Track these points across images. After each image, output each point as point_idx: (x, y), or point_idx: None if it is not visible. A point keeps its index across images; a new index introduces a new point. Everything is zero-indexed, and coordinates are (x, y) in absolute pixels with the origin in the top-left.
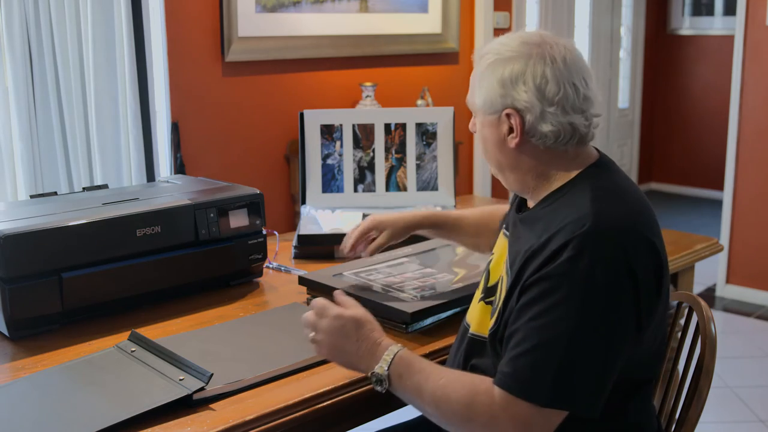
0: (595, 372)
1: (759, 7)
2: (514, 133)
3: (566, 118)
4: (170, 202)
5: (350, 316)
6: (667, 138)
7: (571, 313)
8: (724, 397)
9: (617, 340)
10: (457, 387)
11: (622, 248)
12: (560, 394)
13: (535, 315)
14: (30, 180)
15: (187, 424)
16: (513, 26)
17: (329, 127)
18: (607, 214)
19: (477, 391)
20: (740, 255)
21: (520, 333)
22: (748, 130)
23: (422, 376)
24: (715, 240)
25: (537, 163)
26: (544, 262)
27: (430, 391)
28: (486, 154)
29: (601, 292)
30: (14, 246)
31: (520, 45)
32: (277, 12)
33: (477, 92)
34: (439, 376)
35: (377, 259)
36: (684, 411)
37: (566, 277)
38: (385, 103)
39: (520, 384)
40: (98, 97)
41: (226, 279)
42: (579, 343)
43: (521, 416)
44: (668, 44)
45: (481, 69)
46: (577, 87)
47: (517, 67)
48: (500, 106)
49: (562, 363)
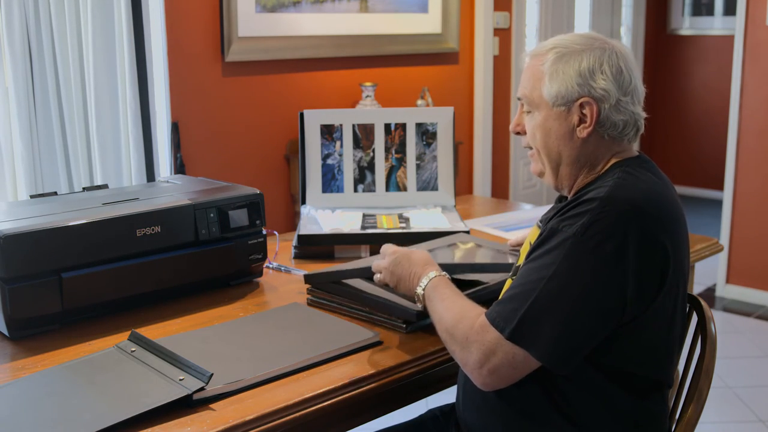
0: (561, 325)
1: (759, 7)
2: (588, 122)
3: (635, 109)
4: (170, 202)
5: (403, 252)
6: (667, 138)
7: (554, 263)
8: (724, 397)
9: (590, 305)
10: (453, 309)
11: (621, 225)
12: (523, 332)
13: (531, 258)
14: (30, 180)
15: (187, 424)
16: (513, 26)
17: (329, 127)
18: (620, 194)
19: (463, 317)
20: (740, 255)
21: (517, 276)
22: (748, 130)
23: (439, 297)
24: (715, 240)
25: (596, 154)
26: (554, 217)
27: (437, 309)
28: (546, 148)
29: (586, 254)
30: (14, 246)
31: (586, 39)
32: (277, 12)
33: (547, 85)
34: (450, 300)
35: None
36: (684, 411)
37: (562, 232)
38: (385, 103)
39: (496, 314)
40: (98, 97)
41: (226, 279)
42: (551, 292)
43: (488, 342)
44: (668, 44)
45: (549, 61)
46: (640, 81)
47: (593, 58)
48: (576, 96)
49: (532, 305)
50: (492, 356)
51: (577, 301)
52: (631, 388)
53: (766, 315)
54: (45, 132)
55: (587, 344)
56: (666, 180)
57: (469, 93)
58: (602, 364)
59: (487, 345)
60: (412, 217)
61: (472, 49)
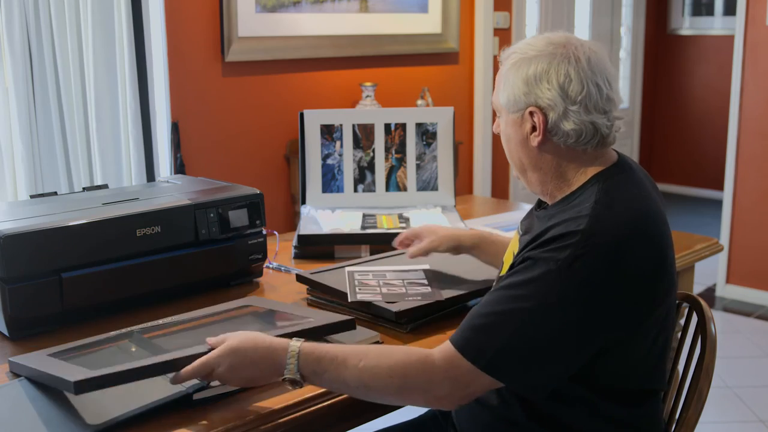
0: (541, 359)
1: (759, 7)
2: (537, 131)
3: (588, 117)
4: (170, 202)
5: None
6: (667, 138)
7: (536, 294)
8: (724, 397)
9: (573, 337)
10: (383, 362)
11: (606, 258)
12: (500, 365)
13: (505, 285)
14: (30, 180)
15: (187, 424)
16: (513, 26)
17: (329, 127)
18: (604, 218)
19: (411, 359)
20: (740, 255)
21: (487, 297)
22: (748, 130)
23: (337, 365)
24: (715, 240)
25: (558, 162)
26: (534, 247)
27: (354, 377)
28: (509, 153)
29: (570, 287)
30: (14, 246)
31: (545, 45)
32: (277, 12)
33: (501, 91)
34: (357, 358)
35: (382, 264)
36: (684, 411)
37: (545, 262)
38: (385, 103)
39: (465, 342)
40: (98, 97)
41: (226, 279)
42: (533, 325)
43: (461, 376)
44: (668, 44)
45: (506, 68)
46: (601, 87)
47: (541, 66)
48: (524, 104)
49: (511, 337)
50: (467, 388)
51: (561, 335)
52: (625, 400)
53: (766, 315)
54: (45, 132)
55: (568, 372)
56: (646, 186)
57: (469, 93)
58: (592, 384)
59: (460, 379)
60: (412, 217)
61: (472, 49)
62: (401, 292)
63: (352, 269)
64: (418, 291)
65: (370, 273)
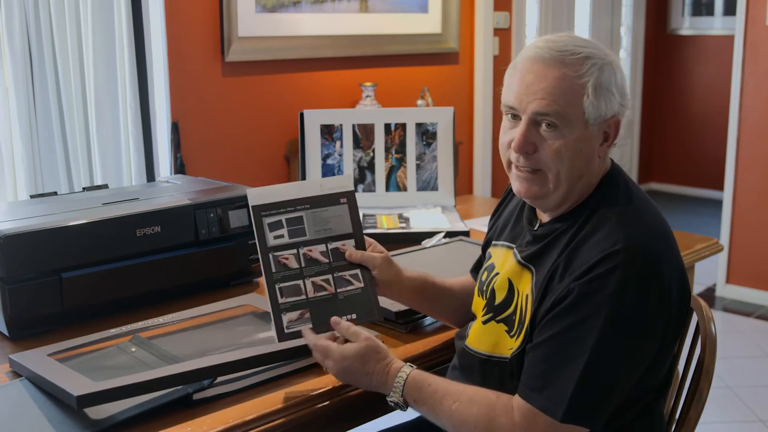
0: (612, 390)
1: (759, 7)
2: (610, 140)
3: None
4: (170, 202)
5: (354, 354)
6: (667, 138)
7: (597, 330)
8: (724, 397)
9: (636, 361)
10: (473, 410)
11: (657, 271)
12: (578, 410)
13: (562, 330)
14: (30, 180)
15: (187, 424)
16: (513, 26)
17: (329, 127)
18: (638, 237)
19: (495, 413)
20: (740, 255)
21: (545, 347)
22: (748, 130)
23: (435, 400)
24: (715, 240)
25: (599, 166)
26: (574, 279)
27: (446, 416)
28: (570, 168)
29: (628, 312)
30: (14, 246)
31: (598, 46)
32: (277, 12)
33: (592, 101)
34: (452, 398)
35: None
36: (684, 411)
37: (595, 294)
38: (385, 103)
39: (544, 398)
40: (98, 97)
41: (226, 279)
42: (600, 361)
43: (541, 431)
44: (668, 44)
45: (593, 76)
46: None
47: (619, 69)
48: (612, 113)
49: (583, 380)
50: None
51: (628, 365)
52: (638, 405)
53: (766, 315)
54: (45, 132)
55: (625, 392)
56: (632, 180)
57: (469, 93)
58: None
59: None
60: (412, 217)
61: (472, 49)
62: (330, 295)
63: (276, 252)
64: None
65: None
